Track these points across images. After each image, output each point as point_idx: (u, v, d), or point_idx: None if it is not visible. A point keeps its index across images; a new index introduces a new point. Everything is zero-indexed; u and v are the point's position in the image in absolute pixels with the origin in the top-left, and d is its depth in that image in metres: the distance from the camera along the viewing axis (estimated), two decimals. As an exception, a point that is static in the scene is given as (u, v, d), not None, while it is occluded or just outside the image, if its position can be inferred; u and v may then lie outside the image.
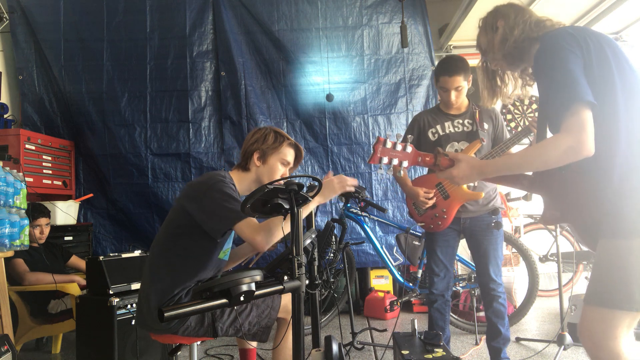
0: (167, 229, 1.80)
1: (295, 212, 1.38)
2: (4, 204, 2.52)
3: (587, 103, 1.24)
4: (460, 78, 2.35)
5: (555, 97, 1.29)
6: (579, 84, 1.25)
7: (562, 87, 1.28)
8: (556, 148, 1.26)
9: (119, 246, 4.11)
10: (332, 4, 4.28)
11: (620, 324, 1.24)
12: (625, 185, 1.25)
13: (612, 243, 1.27)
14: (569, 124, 1.24)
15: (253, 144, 1.90)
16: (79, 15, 4.22)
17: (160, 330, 1.73)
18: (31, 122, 4.14)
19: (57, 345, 3.21)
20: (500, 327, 2.42)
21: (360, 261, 4.06)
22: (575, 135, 1.23)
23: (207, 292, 1.19)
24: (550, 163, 1.29)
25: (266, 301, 1.85)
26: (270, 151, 1.89)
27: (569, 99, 1.25)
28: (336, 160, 4.21)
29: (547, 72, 1.33)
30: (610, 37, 1.37)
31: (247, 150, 1.91)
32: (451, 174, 1.47)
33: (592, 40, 1.31)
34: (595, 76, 1.28)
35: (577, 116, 1.24)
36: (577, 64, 1.28)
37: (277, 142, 1.90)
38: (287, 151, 1.94)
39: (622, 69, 1.30)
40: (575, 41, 1.31)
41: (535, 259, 3.43)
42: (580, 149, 1.23)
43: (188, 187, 1.82)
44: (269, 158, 1.89)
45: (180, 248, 1.75)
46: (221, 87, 4.20)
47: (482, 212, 2.45)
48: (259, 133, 1.93)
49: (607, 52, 1.30)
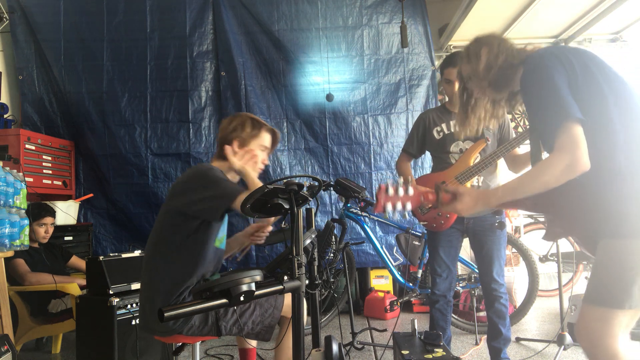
0: (161, 231, 1.78)
1: (295, 212, 1.38)
2: (4, 204, 2.52)
3: (577, 120, 1.26)
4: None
5: (545, 117, 1.33)
6: (567, 102, 1.28)
7: (550, 106, 1.31)
8: (554, 168, 1.29)
9: (119, 246, 4.11)
10: (332, 4, 4.28)
11: (617, 323, 1.25)
12: (626, 189, 1.27)
13: (612, 243, 1.28)
14: (562, 142, 1.27)
15: (232, 132, 1.90)
16: (79, 15, 4.22)
17: (166, 332, 1.72)
18: (31, 122, 4.14)
19: (57, 345, 3.21)
20: (501, 327, 2.42)
21: (360, 261, 4.06)
22: (569, 153, 1.26)
23: (207, 292, 1.20)
24: (551, 183, 1.31)
25: (269, 300, 1.85)
26: (249, 138, 1.90)
27: (559, 117, 1.28)
28: (336, 160, 4.21)
29: (534, 92, 1.37)
30: (592, 52, 1.42)
31: (227, 139, 1.90)
32: (455, 209, 1.48)
33: (574, 58, 1.35)
34: (582, 92, 1.31)
35: (568, 133, 1.26)
36: (562, 81, 1.31)
37: (255, 129, 1.92)
38: (265, 137, 1.95)
39: (610, 82, 1.32)
40: (558, 60, 1.34)
41: (535, 259, 3.43)
42: (576, 165, 1.25)
43: (175, 185, 1.83)
44: (249, 145, 1.90)
45: (175, 246, 1.74)
46: (221, 87, 4.20)
47: (485, 212, 2.44)
48: (237, 121, 1.92)
49: (592, 68, 1.33)
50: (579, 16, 3.95)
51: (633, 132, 1.29)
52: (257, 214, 1.48)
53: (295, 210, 1.38)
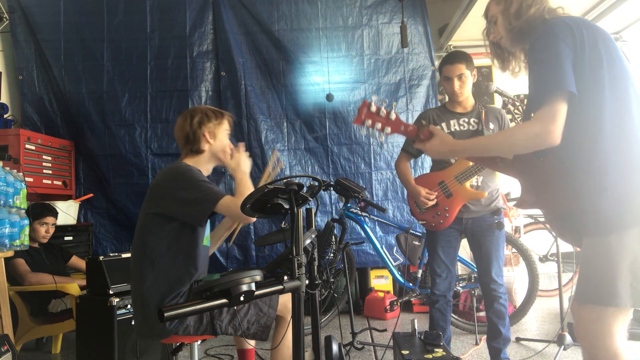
0: (147, 236, 1.75)
1: (295, 212, 1.38)
2: (4, 204, 2.52)
3: (567, 92, 1.26)
4: (462, 66, 2.37)
5: (539, 81, 1.33)
6: (565, 73, 1.27)
7: (547, 73, 1.31)
8: (523, 134, 1.31)
9: (119, 246, 4.11)
10: (332, 4, 4.28)
11: (612, 321, 1.25)
12: (603, 181, 1.27)
13: (593, 241, 1.29)
14: (542, 112, 1.28)
15: (198, 126, 1.92)
16: (79, 15, 4.22)
17: (162, 334, 1.72)
18: (31, 122, 4.14)
19: (57, 345, 3.21)
20: (500, 327, 2.42)
21: (360, 261, 4.06)
22: (544, 124, 1.26)
23: (207, 292, 1.19)
24: (516, 148, 1.34)
25: (264, 299, 1.85)
26: (217, 127, 1.94)
27: (551, 86, 1.28)
28: (336, 160, 4.21)
29: (538, 57, 1.36)
30: (608, 33, 1.38)
31: (194, 133, 1.91)
32: (424, 146, 1.54)
33: (587, 32, 1.32)
34: (585, 67, 1.30)
35: (550, 106, 1.27)
36: (567, 53, 1.29)
37: (219, 117, 1.96)
38: (226, 122, 2.00)
39: (612, 64, 1.31)
40: (569, 30, 1.32)
41: (535, 259, 3.43)
42: (545, 137, 1.26)
43: (154, 187, 1.81)
44: (217, 133, 1.94)
45: (164, 251, 1.73)
46: (221, 87, 4.20)
47: (484, 212, 2.45)
48: (198, 115, 1.94)
49: (599, 46, 1.31)
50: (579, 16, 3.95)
51: (621, 116, 1.29)
52: (257, 214, 1.48)
53: (295, 210, 1.38)
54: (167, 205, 1.73)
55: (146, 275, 1.73)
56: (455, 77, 2.38)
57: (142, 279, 1.73)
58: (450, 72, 2.39)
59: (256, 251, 4.10)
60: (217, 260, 4.05)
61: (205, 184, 1.73)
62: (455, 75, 2.38)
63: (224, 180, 4.16)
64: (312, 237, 1.58)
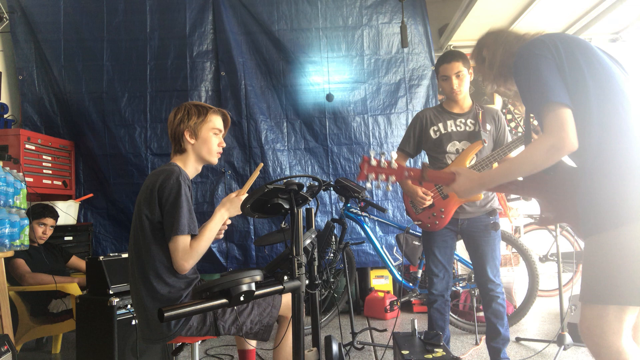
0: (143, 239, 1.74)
1: (295, 212, 1.38)
2: (4, 204, 2.52)
3: (556, 103, 1.29)
4: (459, 64, 2.39)
5: (532, 101, 1.37)
6: (552, 86, 1.31)
7: (535, 91, 1.35)
8: (539, 149, 1.32)
9: (119, 246, 4.11)
10: (332, 4, 4.28)
11: (616, 320, 1.25)
12: (596, 180, 1.29)
13: (592, 240, 1.31)
14: (548, 123, 1.31)
15: (179, 124, 1.87)
16: (79, 15, 4.22)
17: (167, 337, 1.71)
18: (31, 122, 4.14)
19: (57, 345, 3.21)
20: (499, 327, 2.42)
21: (360, 261, 4.06)
22: (554, 134, 1.29)
23: (207, 292, 1.20)
24: (539, 164, 1.34)
25: (267, 299, 1.85)
26: (199, 125, 1.87)
27: (540, 101, 1.32)
28: (336, 160, 4.21)
29: (523, 80, 1.41)
30: (583, 38, 1.45)
31: (176, 132, 1.88)
32: (453, 189, 1.52)
33: (562, 45, 1.38)
34: (567, 78, 1.33)
35: (553, 114, 1.29)
36: (550, 68, 1.34)
37: (202, 115, 1.88)
38: (214, 119, 1.90)
39: (593, 70, 1.34)
40: (545, 47, 1.38)
41: (535, 259, 3.42)
42: (561, 145, 1.28)
43: (144, 190, 1.80)
44: (200, 132, 1.87)
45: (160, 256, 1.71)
46: (221, 87, 4.20)
47: (479, 213, 2.45)
48: (181, 112, 1.89)
49: (577, 55, 1.36)
50: (579, 16, 3.95)
51: (609, 118, 1.31)
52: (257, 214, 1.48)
53: (295, 210, 1.38)
54: (149, 213, 1.73)
55: (148, 282, 1.71)
56: (454, 75, 2.39)
57: (144, 286, 1.71)
58: (448, 71, 2.40)
59: (256, 251, 4.10)
60: (217, 260, 4.05)
61: (183, 210, 1.68)
62: (453, 73, 2.39)
63: (223, 180, 4.16)
64: (312, 237, 1.58)
